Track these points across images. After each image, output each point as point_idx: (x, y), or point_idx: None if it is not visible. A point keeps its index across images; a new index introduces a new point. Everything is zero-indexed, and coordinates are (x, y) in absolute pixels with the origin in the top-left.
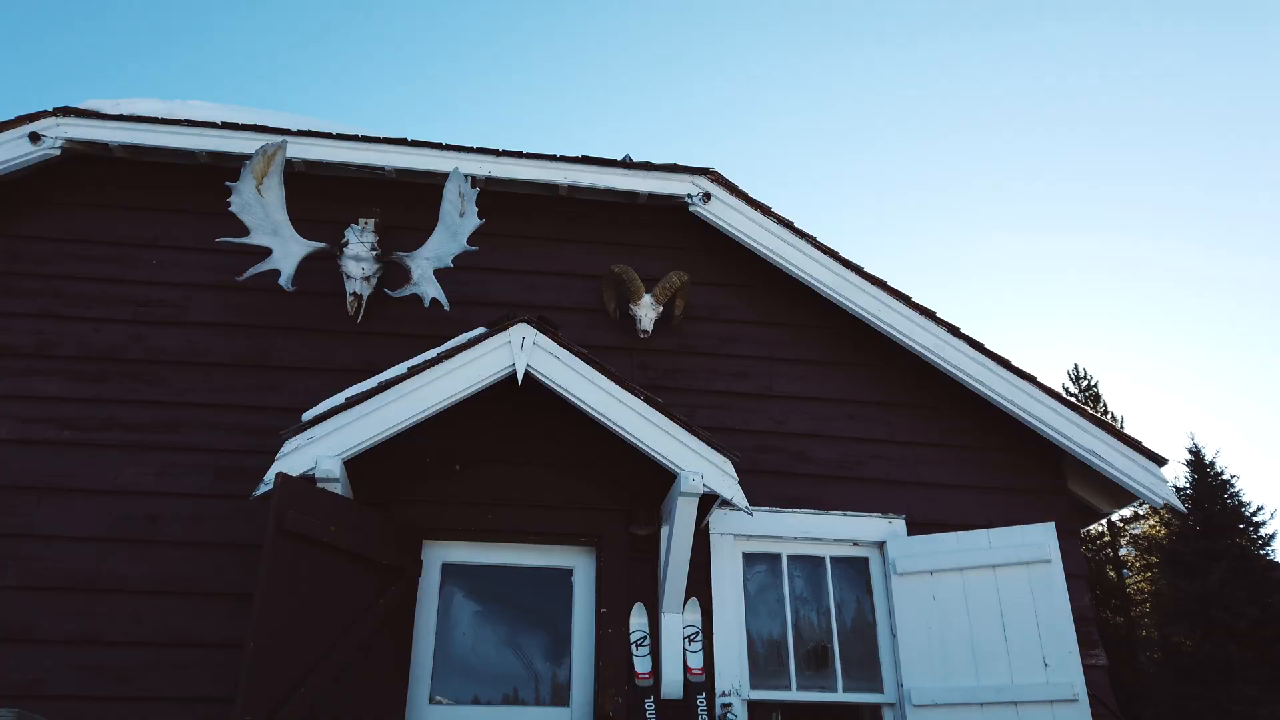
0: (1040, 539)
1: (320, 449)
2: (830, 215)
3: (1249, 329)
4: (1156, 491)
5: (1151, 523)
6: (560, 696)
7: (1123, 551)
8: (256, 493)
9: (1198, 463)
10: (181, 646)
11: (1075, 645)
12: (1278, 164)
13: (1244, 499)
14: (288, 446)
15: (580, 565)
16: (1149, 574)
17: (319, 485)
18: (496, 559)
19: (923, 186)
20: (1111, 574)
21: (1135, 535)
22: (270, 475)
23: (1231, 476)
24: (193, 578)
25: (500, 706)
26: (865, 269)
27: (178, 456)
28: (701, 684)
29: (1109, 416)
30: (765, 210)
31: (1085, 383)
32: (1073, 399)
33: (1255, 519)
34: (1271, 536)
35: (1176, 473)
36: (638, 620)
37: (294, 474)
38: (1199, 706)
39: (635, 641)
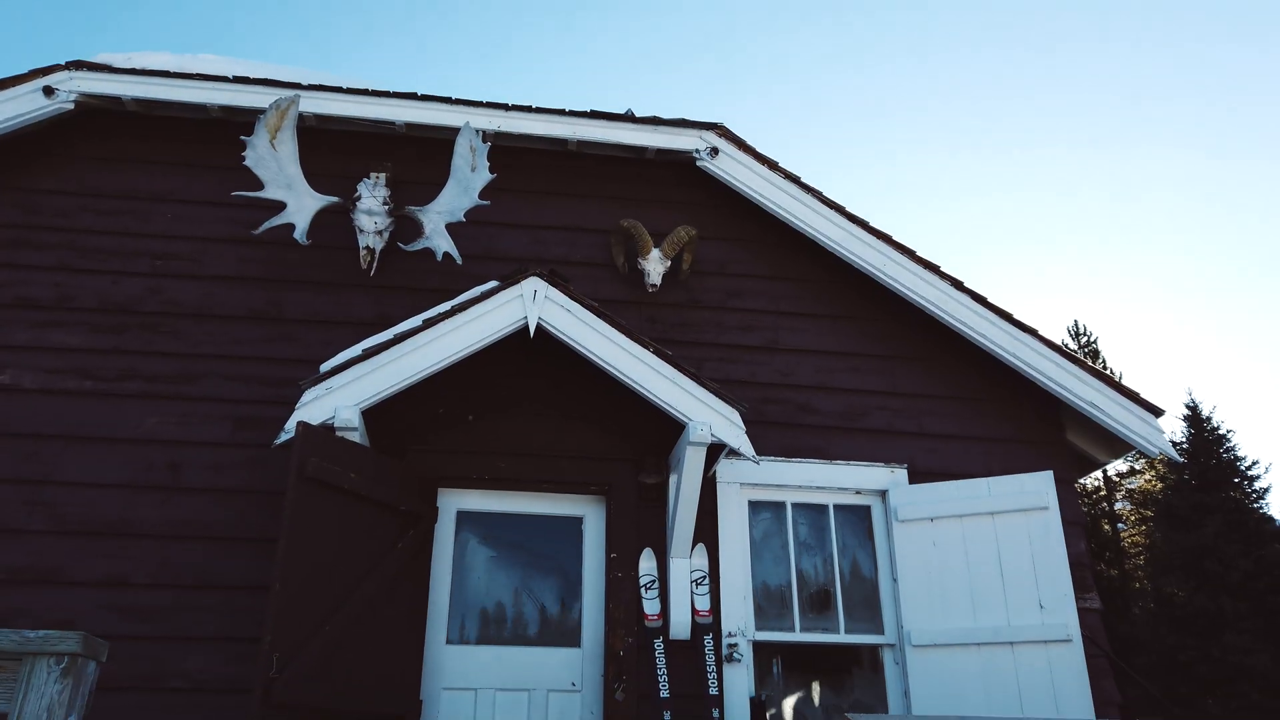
0: (1038, 487)
1: (338, 399)
2: (837, 172)
3: (1251, 285)
4: (1152, 441)
5: (1147, 477)
6: (571, 638)
7: (1118, 505)
8: (277, 441)
9: (1195, 418)
10: (206, 589)
11: (1070, 589)
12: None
13: (1240, 453)
14: (307, 396)
15: (591, 513)
16: (1144, 527)
17: (338, 434)
18: (509, 507)
19: (929, 150)
20: (1107, 527)
21: (1131, 489)
22: (291, 424)
23: (1228, 431)
24: (215, 523)
25: (514, 646)
26: (871, 224)
27: (197, 407)
28: (708, 625)
29: (1108, 372)
30: (772, 165)
31: (1085, 338)
32: (1077, 356)
33: (1250, 473)
34: (1266, 490)
35: (1174, 427)
36: (647, 565)
37: (314, 423)
38: (1191, 657)
39: (644, 585)
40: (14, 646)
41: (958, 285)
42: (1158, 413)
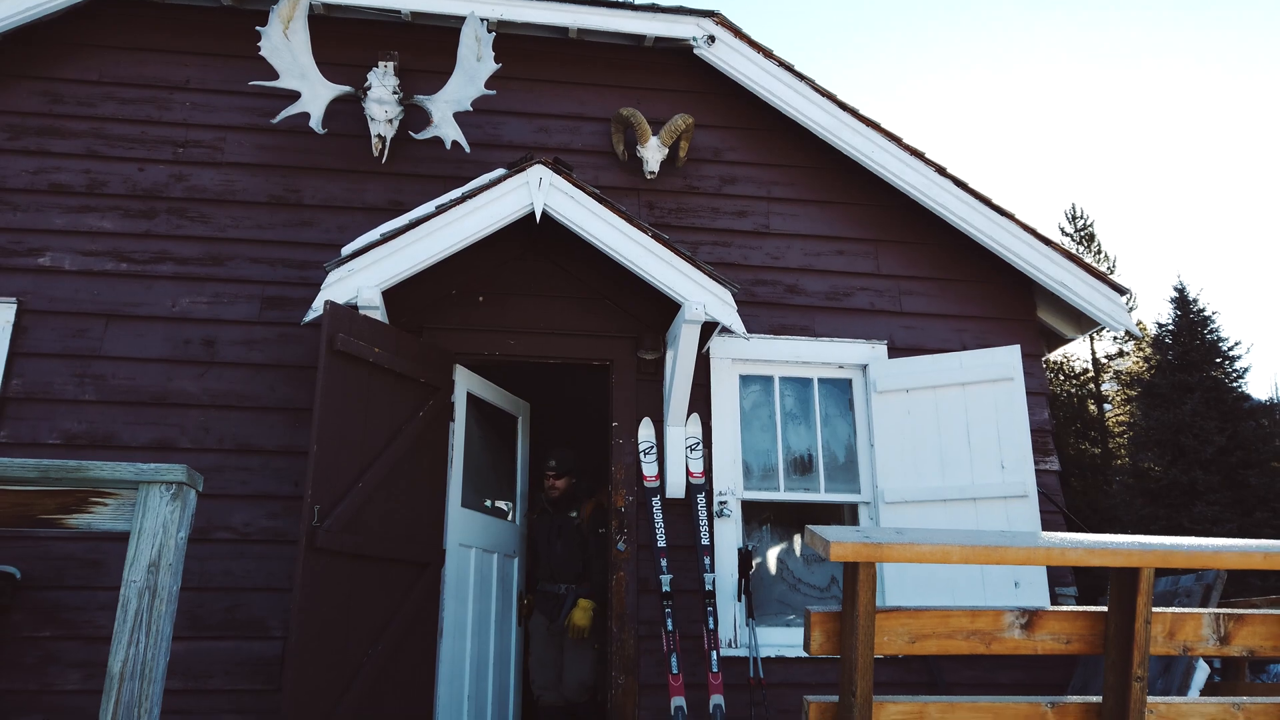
0: (1006, 359)
1: (360, 280)
2: (829, 63)
3: (1248, 168)
4: (1116, 318)
5: (1134, 359)
6: None
7: (1106, 387)
8: (306, 319)
9: (1182, 300)
10: (245, 453)
11: (1030, 451)
12: None
13: (1223, 334)
14: (331, 277)
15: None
16: (1129, 408)
17: (361, 312)
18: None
19: (923, 19)
20: (1093, 408)
21: (1119, 371)
22: (318, 303)
23: (1213, 313)
24: (249, 394)
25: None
26: (861, 111)
27: (226, 287)
28: (701, 486)
29: (1102, 256)
30: (767, 53)
31: (1081, 222)
32: (1051, 239)
33: (1231, 353)
34: (1246, 370)
35: (1161, 310)
36: (645, 433)
37: (339, 302)
38: (1162, 526)
39: (643, 451)
40: (133, 476)
41: (941, 170)
42: (1122, 291)
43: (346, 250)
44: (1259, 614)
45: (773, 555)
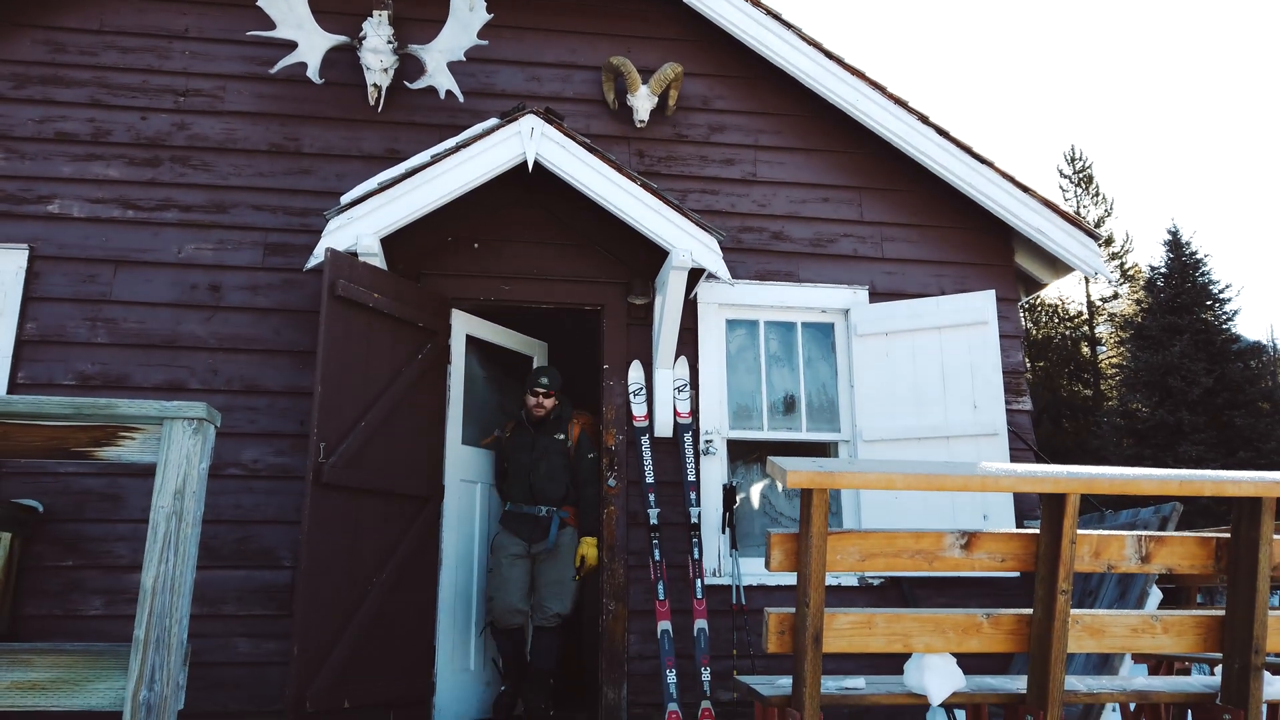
0: (980, 304)
1: (360, 228)
2: (819, 11)
3: (1247, 112)
4: (1089, 263)
5: (1128, 302)
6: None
7: (1100, 329)
8: (308, 265)
9: (1175, 243)
10: (252, 393)
11: (1001, 392)
12: None
13: (1214, 277)
14: (331, 225)
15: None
16: (1122, 349)
17: (360, 259)
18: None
19: None
20: (1086, 350)
21: (1113, 313)
22: (320, 250)
23: (1205, 256)
24: (255, 337)
25: None
26: (846, 60)
27: (230, 234)
28: (688, 425)
29: (1100, 197)
30: (755, 1)
31: (1080, 164)
32: (1029, 185)
33: (1222, 295)
34: (1236, 313)
35: (1155, 253)
36: (635, 375)
37: (340, 249)
38: (1148, 464)
39: (633, 392)
40: (158, 413)
41: (923, 119)
42: (1096, 238)
43: (346, 199)
44: (1176, 536)
45: (756, 491)
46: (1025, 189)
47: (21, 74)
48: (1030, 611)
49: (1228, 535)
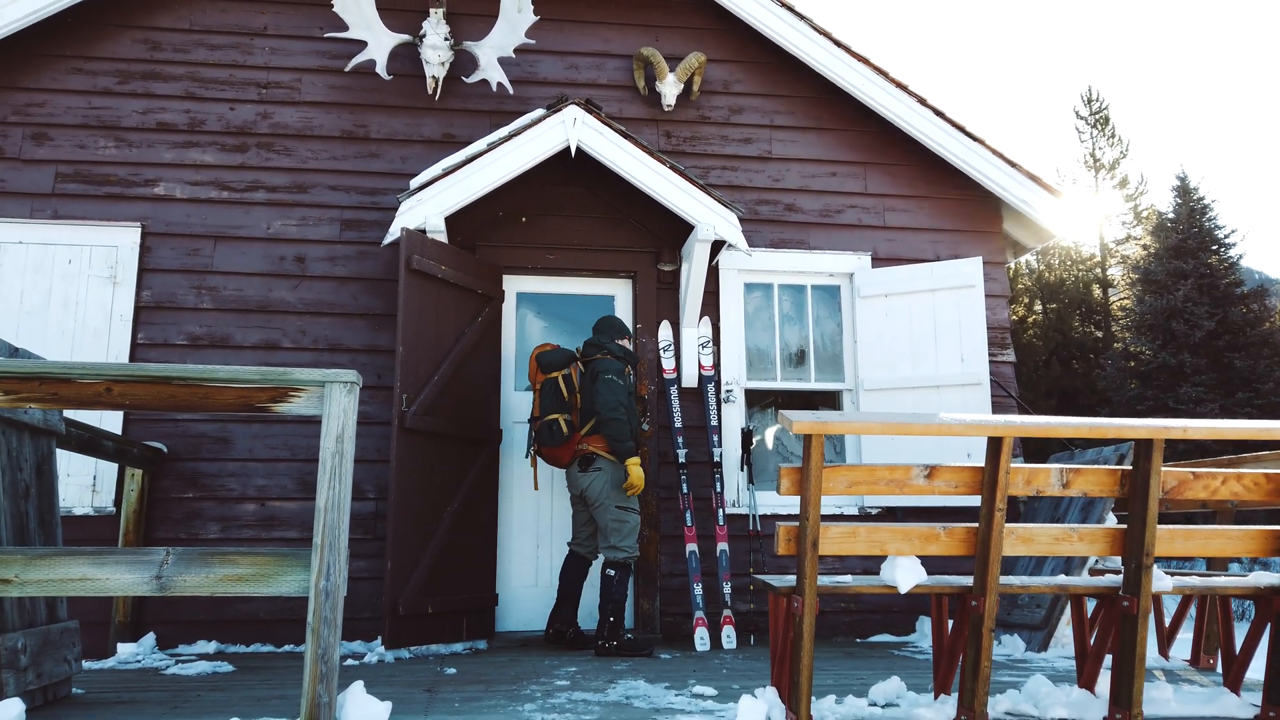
0: (968, 270)
1: (427, 209)
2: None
3: (1268, 52)
4: (1070, 231)
5: (1138, 245)
6: None
7: (1112, 272)
8: (385, 241)
9: (1183, 189)
10: (336, 351)
11: (985, 347)
12: None
13: (1219, 222)
14: (403, 207)
15: (620, 293)
16: (1131, 292)
17: (428, 236)
18: (556, 289)
19: None
20: (1098, 292)
21: (1125, 256)
22: (395, 228)
23: (1211, 201)
24: (336, 303)
25: None
26: (853, 48)
27: (311, 212)
28: (711, 377)
29: (1116, 139)
30: None
31: (1096, 105)
32: (1017, 160)
33: (1227, 240)
34: (1240, 257)
35: (1164, 199)
36: (664, 333)
37: (411, 228)
38: (1149, 406)
39: (662, 349)
40: (321, 378)
41: (922, 101)
42: (1073, 206)
43: (414, 183)
44: (1089, 468)
45: (770, 434)
46: (1011, 163)
47: (125, 70)
48: (976, 525)
49: (1130, 468)
